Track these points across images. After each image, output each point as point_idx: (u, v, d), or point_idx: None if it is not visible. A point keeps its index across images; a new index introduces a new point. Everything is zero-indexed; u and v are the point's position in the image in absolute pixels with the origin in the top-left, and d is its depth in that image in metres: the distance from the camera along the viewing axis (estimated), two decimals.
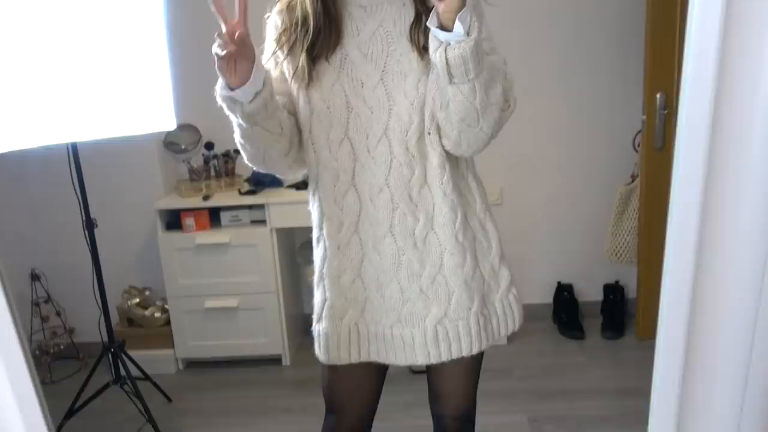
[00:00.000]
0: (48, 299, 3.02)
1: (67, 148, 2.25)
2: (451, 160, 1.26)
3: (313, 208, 1.34)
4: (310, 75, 1.22)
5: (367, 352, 1.34)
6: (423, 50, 1.18)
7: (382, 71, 1.21)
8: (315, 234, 1.35)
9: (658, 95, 2.59)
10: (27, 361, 0.69)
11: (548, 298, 3.21)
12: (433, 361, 1.30)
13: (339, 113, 1.22)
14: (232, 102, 1.13)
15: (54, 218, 2.97)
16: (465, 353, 1.29)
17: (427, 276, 1.27)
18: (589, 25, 2.91)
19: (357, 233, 1.28)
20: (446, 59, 1.05)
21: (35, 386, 0.71)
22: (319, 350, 1.38)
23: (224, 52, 1.06)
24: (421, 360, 1.31)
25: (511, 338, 2.96)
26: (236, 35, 1.06)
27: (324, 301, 1.35)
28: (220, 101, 1.15)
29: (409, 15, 1.21)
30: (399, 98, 1.20)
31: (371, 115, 1.21)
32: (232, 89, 1.12)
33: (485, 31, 1.09)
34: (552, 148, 3.05)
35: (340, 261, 1.31)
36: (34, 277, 2.99)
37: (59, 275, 3.04)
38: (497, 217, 1.39)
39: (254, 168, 1.31)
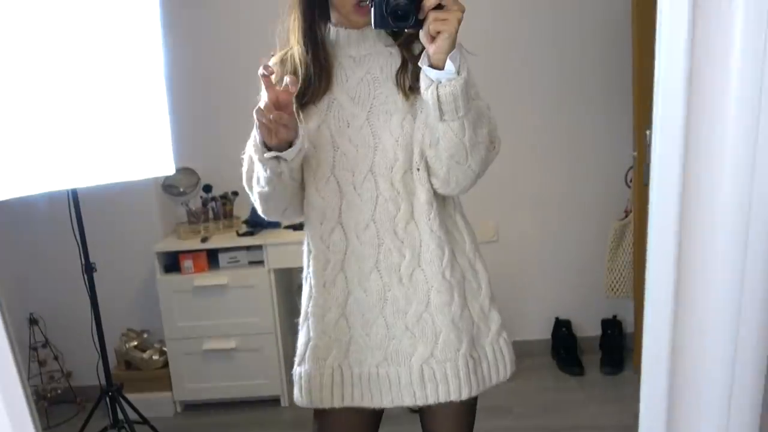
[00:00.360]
0: (46, 343, 3.02)
1: (68, 195, 2.28)
2: (438, 197, 1.28)
3: (304, 248, 1.37)
4: (298, 118, 1.25)
5: (350, 397, 1.32)
6: (409, 91, 1.23)
7: (368, 111, 1.25)
8: (303, 273, 1.37)
9: (647, 132, 2.64)
10: (29, 407, 0.70)
11: (546, 334, 3.21)
12: (420, 402, 1.29)
13: (325, 153, 1.26)
14: (276, 161, 1.19)
15: (53, 262, 2.99)
16: (453, 397, 1.28)
17: (413, 313, 1.28)
18: (580, 63, 2.98)
19: (343, 271, 1.29)
20: (437, 96, 1.10)
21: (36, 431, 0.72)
22: (299, 393, 1.37)
23: (264, 120, 1.13)
24: (407, 401, 1.30)
25: (511, 375, 2.94)
26: (280, 101, 1.13)
27: (308, 341, 1.35)
28: (259, 161, 1.20)
29: (396, 62, 1.26)
30: (384, 136, 1.24)
31: (357, 153, 1.25)
32: (269, 148, 1.18)
33: (472, 77, 1.14)
34: (546, 185, 3.09)
35: (325, 299, 1.31)
36: (33, 321, 2.99)
37: (57, 319, 3.04)
38: (493, 254, 1.41)
39: (266, 218, 1.35)
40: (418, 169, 1.24)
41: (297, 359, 1.39)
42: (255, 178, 1.27)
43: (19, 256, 3.02)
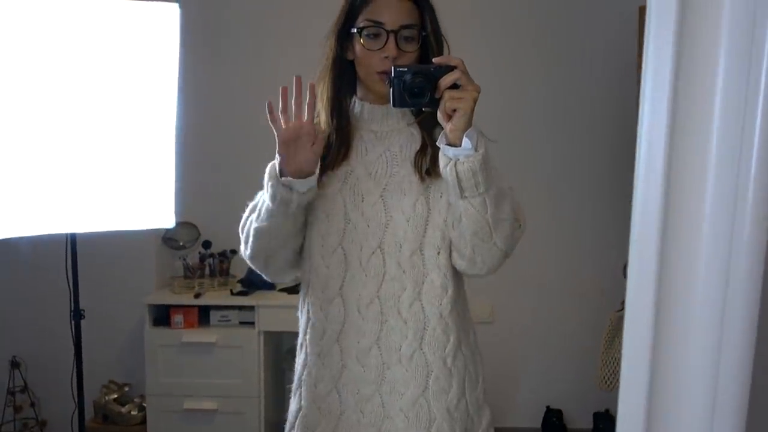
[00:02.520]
0: (25, 388, 2.95)
1: (66, 239, 2.28)
2: (455, 283, 1.26)
3: (302, 314, 1.35)
4: (317, 183, 1.27)
5: None
6: (425, 174, 1.24)
7: (384, 188, 1.26)
8: (299, 339, 1.35)
9: None
10: None
11: (537, 423, 3.13)
12: None
13: (336, 223, 1.26)
14: (288, 190, 1.18)
15: (41, 305, 2.96)
16: None
17: (409, 396, 1.25)
18: (581, 153, 3.03)
19: (338, 343, 1.28)
20: (456, 173, 1.12)
21: None
22: None
23: (282, 131, 1.17)
24: None
25: None
26: (299, 122, 1.17)
27: (298, 410, 1.33)
28: (272, 187, 1.20)
29: (416, 144, 1.28)
30: (396, 214, 1.24)
31: (367, 228, 1.25)
32: (283, 174, 1.19)
33: (491, 156, 1.15)
34: (545, 270, 3.08)
35: (319, 369, 1.29)
36: (14, 364, 2.94)
37: (39, 364, 2.98)
38: (488, 335, 1.39)
39: (251, 264, 1.33)
40: (438, 253, 1.23)
41: (287, 426, 1.36)
42: (256, 213, 1.26)
43: (7, 297, 3.00)
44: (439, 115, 1.12)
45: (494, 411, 1.36)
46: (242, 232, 1.32)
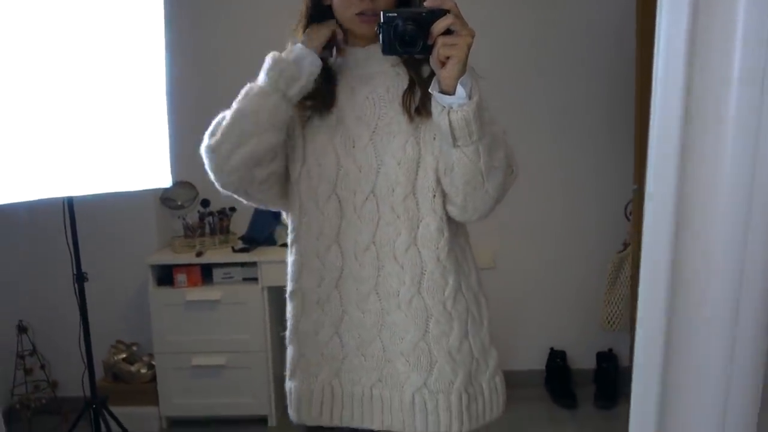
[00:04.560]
0: (33, 351, 2.98)
1: (63, 203, 2.26)
2: (451, 226, 1.26)
3: (291, 261, 1.33)
4: (303, 126, 1.26)
5: (339, 417, 1.31)
6: (414, 113, 1.21)
7: (373, 132, 1.24)
8: (290, 287, 1.33)
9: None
10: None
11: (541, 365, 3.17)
12: (408, 430, 1.26)
13: (329, 171, 1.25)
14: (296, 66, 1.19)
15: (44, 270, 2.96)
16: (443, 429, 1.25)
17: (409, 340, 1.25)
18: (583, 93, 2.98)
19: (337, 289, 1.28)
20: (450, 122, 1.08)
21: None
22: (291, 409, 1.36)
23: None
24: (396, 426, 1.27)
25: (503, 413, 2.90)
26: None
27: (299, 357, 1.33)
28: (278, 65, 1.19)
29: (403, 83, 1.24)
30: (386, 158, 1.22)
31: (359, 173, 1.24)
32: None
33: (484, 101, 1.12)
34: (546, 215, 3.07)
35: (319, 316, 1.30)
36: (21, 328, 2.96)
37: (46, 327, 3.00)
38: (491, 281, 1.39)
39: (208, 157, 1.25)
40: (434, 196, 1.22)
41: (288, 373, 1.37)
42: (238, 103, 1.21)
43: (10, 263, 3.00)
44: (432, 62, 1.09)
45: (499, 355, 1.36)
46: (212, 127, 1.25)
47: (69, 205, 2.28)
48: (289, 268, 1.33)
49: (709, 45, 0.53)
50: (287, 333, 1.36)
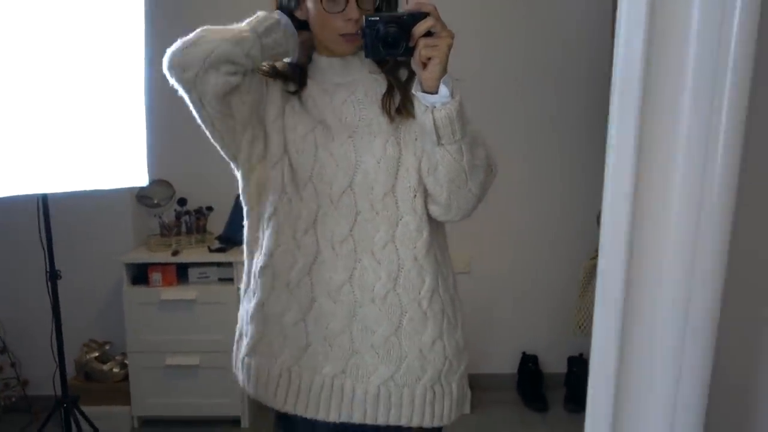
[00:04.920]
0: (4, 349, 2.94)
1: (37, 200, 2.24)
2: (431, 226, 1.27)
3: (267, 234, 1.31)
4: (284, 116, 1.28)
5: (293, 406, 1.31)
6: (395, 113, 1.24)
7: (353, 131, 1.26)
8: (262, 262, 1.31)
9: None
10: None
11: (513, 369, 3.21)
12: (369, 421, 1.28)
13: (306, 159, 1.27)
14: (277, 23, 1.22)
15: (16, 266, 2.93)
16: (404, 422, 1.28)
17: (381, 333, 1.27)
18: (556, 102, 3.03)
19: (309, 275, 1.28)
20: (434, 120, 1.11)
21: None
22: (247, 383, 1.37)
23: None
24: (356, 418, 1.28)
25: (475, 408, 2.94)
26: None
27: (261, 337, 1.33)
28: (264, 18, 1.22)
29: (382, 87, 1.27)
30: (366, 157, 1.24)
31: (336, 167, 1.25)
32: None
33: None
34: (520, 221, 3.12)
35: (287, 299, 1.30)
36: None
37: (18, 325, 2.97)
38: (465, 285, 1.41)
39: (170, 60, 1.20)
40: (415, 196, 1.24)
41: (246, 349, 1.36)
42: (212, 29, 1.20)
43: None
44: (413, 64, 1.12)
45: (472, 358, 1.39)
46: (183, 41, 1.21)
47: (43, 202, 2.26)
48: (264, 242, 1.32)
49: (666, 49, 0.56)
50: (250, 309, 1.34)
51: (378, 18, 1.11)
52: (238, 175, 1.34)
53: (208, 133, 1.28)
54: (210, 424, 2.88)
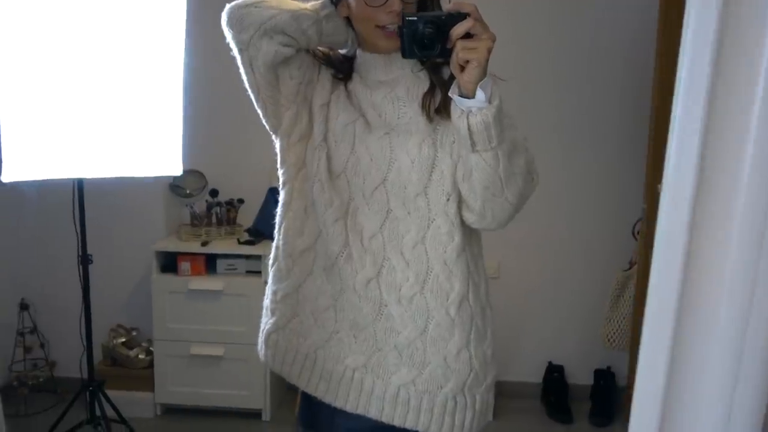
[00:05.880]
0: (34, 330, 3.00)
1: (73, 184, 2.27)
2: (464, 233, 1.24)
3: (305, 223, 1.30)
4: (330, 102, 1.28)
5: (315, 387, 1.31)
6: (434, 114, 1.20)
7: (391, 128, 1.24)
8: (305, 244, 1.30)
9: (659, 185, 2.61)
10: None
11: (538, 378, 3.16)
12: (385, 419, 1.25)
13: (343, 150, 1.25)
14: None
15: (49, 249, 2.97)
16: (420, 429, 1.24)
17: (405, 336, 1.24)
18: (595, 109, 2.97)
19: (337, 265, 1.27)
20: (468, 125, 1.08)
21: None
22: (269, 356, 1.36)
23: None
24: (372, 413, 1.26)
25: (498, 416, 2.89)
26: None
27: (293, 316, 1.33)
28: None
29: (423, 85, 1.24)
30: (401, 155, 1.22)
31: (370, 162, 1.24)
32: None
33: (504, 107, 1.11)
34: (553, 228, 3.06)
35: (322, 283, 1.30)
36: (23, 306, 2.97)
37: (48, 307, 3.02)
38: (493, 291, 1.37)
39: (229, 17, 1.21)
40: (448, 199, 1.21)
41: (275, 322, 1.35)
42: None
43: (16, 240, 3.01)
44: (452, 66, 1.08)
45: (497, 365, 1.35)
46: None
47: (79, 187, 2.29)
48: (306, 228, 1.30)
49: (736, 65, 0.52)
50: (283, 288, 1.33)
51: (416, 18, 1.09)
52: (277, 147, 1.33)
53: (252, 98, 1.28)
54: (231, 415, 2.89)
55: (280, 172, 1.33)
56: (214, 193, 2.96)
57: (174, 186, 2.99)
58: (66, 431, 2.41)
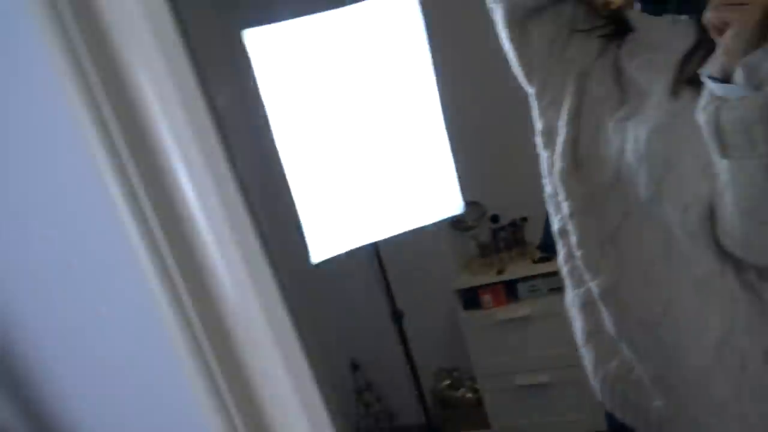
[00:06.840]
0: (368, 387, 3.19)
1: (373, 248, 2.37)
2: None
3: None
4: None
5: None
6: (687, 84, 0.87)
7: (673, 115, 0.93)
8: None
9: None
10: None
11: None
12: None
13: (610, 152, 0.96)
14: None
15: (367, 311, 3.16)
16: None
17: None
18: None
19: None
20: (717, 120, 0.75)
21: None
22: (609, 396, 1.17)
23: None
24: None
25: None
26: None
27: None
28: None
29: (688, 41, 0.89)
30: (684, 155, 0.88)
31: (638, 167, 0.93)
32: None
33: None
34: None
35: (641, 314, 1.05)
36: (354, 366, 3.20)
37: (376, 364, 3.20)
38: None
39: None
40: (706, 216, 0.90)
41: (601, 356, 1.12)
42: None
43: (339, 309, 3.27)
44: (711, 29, 0.77)
45: None
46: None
47: (375, 249, 2.38)
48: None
49: None
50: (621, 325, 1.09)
51: None
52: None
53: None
54: None
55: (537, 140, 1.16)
56: (495, 218, 2.90)
57: (455, 222, 2.99)
58: None
